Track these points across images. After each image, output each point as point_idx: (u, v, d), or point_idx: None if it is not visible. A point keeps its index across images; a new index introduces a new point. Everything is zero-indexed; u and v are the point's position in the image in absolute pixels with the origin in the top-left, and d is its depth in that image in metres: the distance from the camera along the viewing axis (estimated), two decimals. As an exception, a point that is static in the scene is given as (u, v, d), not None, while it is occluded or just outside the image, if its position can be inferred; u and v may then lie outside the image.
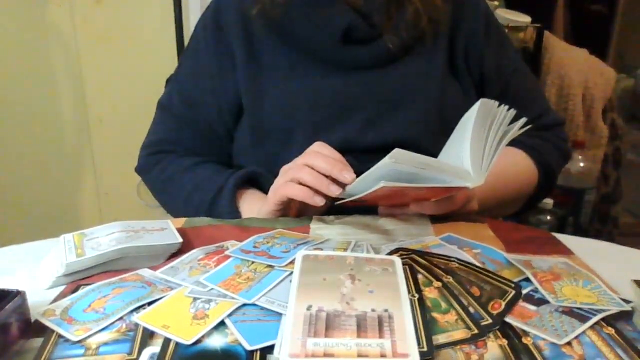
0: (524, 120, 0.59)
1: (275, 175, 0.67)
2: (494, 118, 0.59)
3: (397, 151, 0.52)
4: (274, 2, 0.76)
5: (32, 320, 0.44)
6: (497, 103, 0.60)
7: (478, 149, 0.57)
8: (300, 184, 0.63)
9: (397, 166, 0.53)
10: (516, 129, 0.59)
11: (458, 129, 0.63)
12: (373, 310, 0.41)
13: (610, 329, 0.42)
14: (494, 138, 0.58)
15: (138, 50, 1.75)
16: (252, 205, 0.73)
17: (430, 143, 0.69)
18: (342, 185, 0.61)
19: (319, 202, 0.62)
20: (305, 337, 0.38)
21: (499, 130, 0.58)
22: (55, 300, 0.48)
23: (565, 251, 0.58)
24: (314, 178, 0.61)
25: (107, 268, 0.54)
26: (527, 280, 0.49)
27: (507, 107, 0.59)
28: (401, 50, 0.77)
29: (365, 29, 0.75)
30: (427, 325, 0.41)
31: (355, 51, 0.77)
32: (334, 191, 0.61)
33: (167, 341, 0.40)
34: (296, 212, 0.69)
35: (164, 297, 0.46)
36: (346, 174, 0.60)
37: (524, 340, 0.41)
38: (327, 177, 0.61)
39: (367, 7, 0.76)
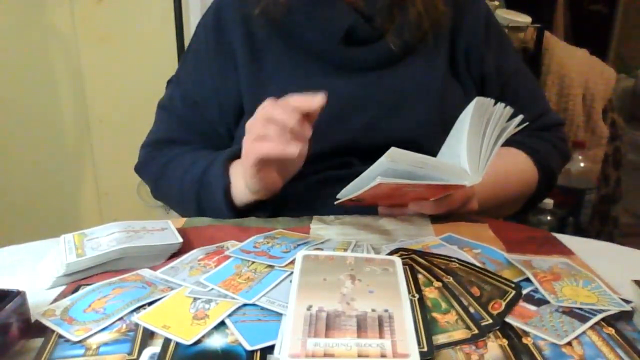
0: (520, 117, 0.59)
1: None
2: (490, 116, 0.59)
3: (393, 150, 0.52)
4: (275, 2, 0.76)
5: (32, 320, 0.44)
6: (492, 101, 0.60)
7: (475, 147, 0.57)
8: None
9: (394, 165, 0.53)
10: (513, 127, 0.59)
11: (455, 127, 0.63)
12: (373, 310, 0.42)
13: (610, 329, 0.42)
14: (491, 136, 0.58)
15: (138, 50, 1.75)
16: (239, 170, 0.70)
17: (432, 143, 0.69)
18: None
19: (293, 151, 0.58)
20: (305, 337, 0.38)
21: (496, 128, 0.58)
22: (55, 300, 0.48)
23: (565, 251, 0.58)
24: (279, 134, 0.59)
25: (107, 268, 0.54)
26: (527, 280, 0.49)
27: (503, 104, 0.59)
28: (403, 51, 0.77)
29: (367, 29, 0.76)
30: (427, 325, 0.41)
31: (357, 52, 0.77)
32: (302, 148, 0.59)
33: (167, 341, 0.41)
34: (278, 174, 0.66)
35: (164, 297, 0.46)
36: (314, 99, 0.58)
37: (524, 340, 0.41)
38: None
39: (368, 8, 0.76)
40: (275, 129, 0.59)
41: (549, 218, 1.55)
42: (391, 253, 0.54)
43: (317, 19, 0.76)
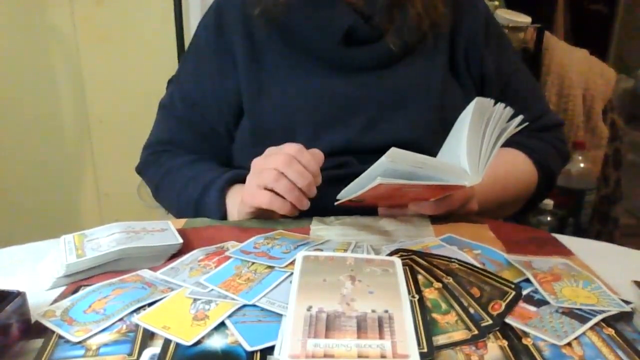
0: (520, 117, 0.59)
1: None
2: (490, 116, 0.59)
3: (393, 150, 0.52)
4: (275, 2, 0.76)
5: (32, 321, 0.44)
6: (492, 101, 0.60)
7: (475, 147, 0.57)
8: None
9: (394, 165, 0.53)
10: (512, 127, 0.59)
11: (455, 127, 0.63)
12: (373, 311, 0.42)
13: (610, 329, 0.42)
14: (491, 136, 0.58)
15: (138, 50, 1.75)
16: (236, 198, 0.72)
17: (431, 143, 0.69)
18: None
19: (295, 212, 0.64)
20: (305, 337, 0.38)
21: (496, 128, 0.58)
22: (56, 301, 0.48)
23: (565, 252, 0.58)
24: (288, 192, 0.62)
25: (107, 269, 0.54)
26: (527, 280, 0.49)
27: (503, 105, 0.59)
28: (402, 51, 0.77)
29: (366, 30, 0.76)
30: (427, 326, 0.41)
31: (356, 52, 0.77)
32: (306, 206, 0.63)
33: (167, 342, 0.41)
34: (277, 216, 0.69)
35: (164, 297, 0.46)
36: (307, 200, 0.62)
37: (524, 341, 0.41)
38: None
39: (368, 9, 0.76)
40: (285, 185, 0.62)
41: (549, 218, 1.55)
42: (391, 254, 0.53)
43: (316, 19, 0.76)
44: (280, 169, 0.62)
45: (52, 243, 0.58)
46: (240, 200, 0.69)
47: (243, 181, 0.75)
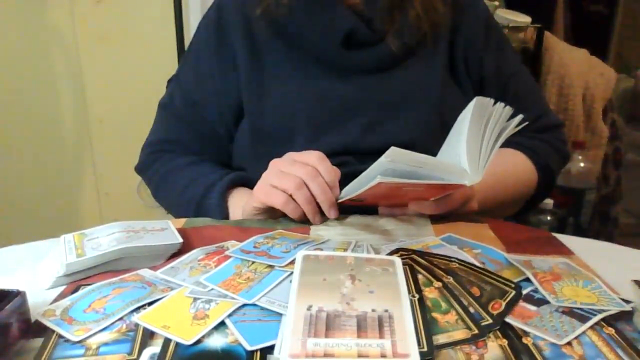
0: (520, 117, 0.59)
1: None
2: (490, 116, 0.59)
3: (393, 150, 0.52)
4: (277, 3, 0.77)
5: (32, 320, 0.44)
6: (492, 100, 0.60)
7: (474, 147, 0.57)
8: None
9: (394, 165, 0.53)
10: (512, 126, 0.59)
11: (455, 127, 0.63)
12: (373, 310, 0.42)
13: (610, 329, 0.42)
14: (491, 135, 0.58)
15: (138, 50, 1.75)
16: (239, 199, 0.72)
17: (431, 145, 0.69)
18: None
19: (302, 219, 0.64)
20: (305, 337, 0.38)
21: (495, 128, 0.58)
22: (55, 300, 0.48)
23: (565, 251, 0.58)
24: (307, 203, 0.62)
25: (107, 268, 0.54)
26: (527, 280, 0.49)
27: (502, 104, 0.59)
28: (402, 53, 0.77)
29: (367, 32, 0.76)
30: (427, 325, 0.41)
31: (357, 54, 0.77)
32: (318, 221, 0.64)
33: (167, 341, 0.41)
34: (280, 215, 0.69)
35: (164, 297, 0.46)
36: (333, 211, 0.63)
37: (524, 340, 0.41)
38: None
39: (368, 11, 0.76)
40: (305, 195, 0.62)
41: (549, 218, 1.55)
42: (391, 253, 0.53)
43: (317, 22, 0.76)
44: (305, 179, 0.62)
45: (52, 243, 0.58)
46: (246, 199, 0.69)
47: (245, 184, 0.75)
